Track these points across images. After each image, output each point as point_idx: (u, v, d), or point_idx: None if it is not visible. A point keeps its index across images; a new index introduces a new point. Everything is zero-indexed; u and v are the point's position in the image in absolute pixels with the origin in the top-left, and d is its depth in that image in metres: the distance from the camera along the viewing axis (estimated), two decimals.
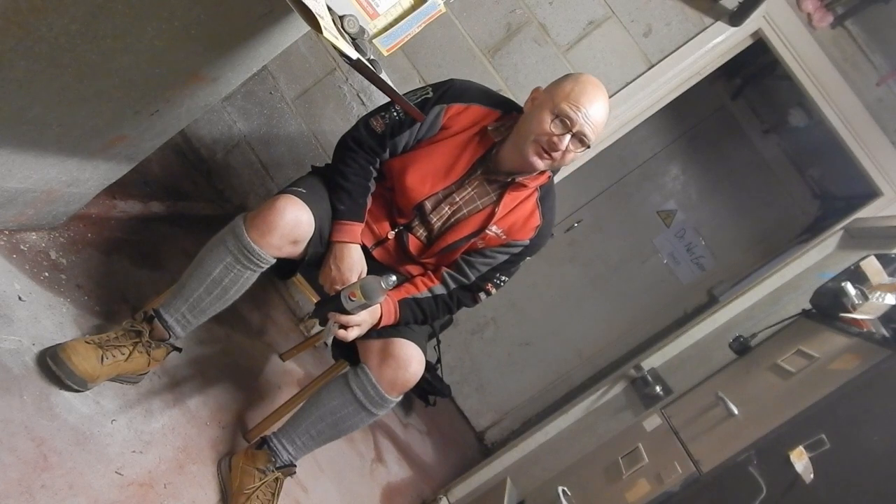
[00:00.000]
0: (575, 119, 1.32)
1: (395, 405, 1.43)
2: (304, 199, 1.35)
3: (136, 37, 1.08)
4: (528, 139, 1.35)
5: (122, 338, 1.29)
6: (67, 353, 1.18)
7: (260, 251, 1.29)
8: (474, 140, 1.44)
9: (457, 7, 2.35)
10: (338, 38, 0.94)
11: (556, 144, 1.33)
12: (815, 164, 3.89)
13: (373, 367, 1.38)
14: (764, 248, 4.06)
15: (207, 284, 1.31)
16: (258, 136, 2.49)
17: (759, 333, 1.90)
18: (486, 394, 4.16)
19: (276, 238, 1.29)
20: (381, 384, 1.36)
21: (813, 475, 1.32)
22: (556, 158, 1.36)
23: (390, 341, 1.39)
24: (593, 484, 1.69)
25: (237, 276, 1.32)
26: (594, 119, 1.33)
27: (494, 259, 1.51)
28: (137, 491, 1.21)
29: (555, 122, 1.33)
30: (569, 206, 4.19)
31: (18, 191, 1.29)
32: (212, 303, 1.33)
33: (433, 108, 1.42)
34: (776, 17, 2.30)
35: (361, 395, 1.36)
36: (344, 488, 1.85)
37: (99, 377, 1.23)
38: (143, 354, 1.31)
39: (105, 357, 1.23)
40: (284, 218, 1.29)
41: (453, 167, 1.45)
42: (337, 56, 2.27)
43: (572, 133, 1.33)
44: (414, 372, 1.38)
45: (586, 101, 1.32)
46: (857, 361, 1.38)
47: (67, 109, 1.16)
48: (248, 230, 1.29)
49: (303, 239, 1.35)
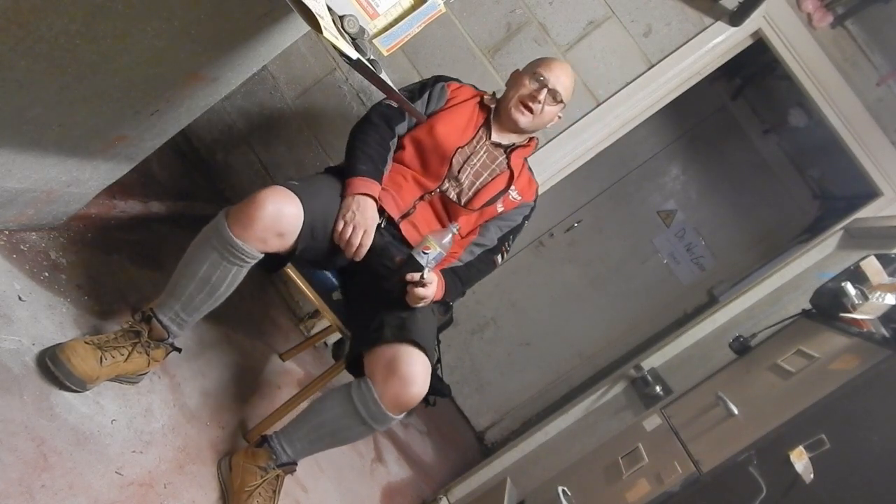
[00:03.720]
0: (548, 77, 1.66)
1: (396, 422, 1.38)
2: (295, 191, 1.32)
3: (136, 37, 1.08)
4: (513, 100, 1.68)
5: (121, 338, 1.28)
6: (66, 354, 1.17)
7: (243, 245, 1.27)
8: (475, 108, 1.72)
9: (457, 7, 2.35)
10: (338, 38, 0.94)
11: (535, 97, 1.65)
12: (815, 164, 3.89)
13: (377, 383, 1.33)
14: (764, 248, 4.06)
15: (197, 282, 1.30)
16: (258, 136, 2.49)
17: (759, 333, 1.90)
18: (486, 394, 4.16)
19: (258, 231, 1.26)
20: (384, 401, 1.31)
21: (813, 475, 1.32)
22: (535, 112, 1.66)
23: (397, 351, 1.34)
24: (593, 484, 1.69)
25: (225, 272, 1.30)
26: (563, 81, 1.68)
27: (513, 221, 1.72)
28: (137, 491, 1.21)
29: (532, 82, 1.67)
30: (569, 206, 4.19)
31: (18, 191, 1.29)
32: (204, 300, 1.32)
33: (436, 84, 1.71)
34: (776, 17, 2.30)
35: (363, 410, 1.33)
36: (344, 488, 1.85)
37: (98, 378, 1.22)
38: (142, 355, 1.30)
39: (104, 358, 1.22)
40: (265, 209, 1.26)
41: (467, 127, 1.68)
42: (337, 56, 2.27)
43: (547, 88, 1.65)
44: (417, 392, 1.33)
45: (556, 66, 1.69)
46: (857, 361, 1.38)
47: (67, 109, 1.16)
48: (230, 225, 1.27)
49: (289, 231, 1.31)
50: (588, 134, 2.35)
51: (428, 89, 1.69)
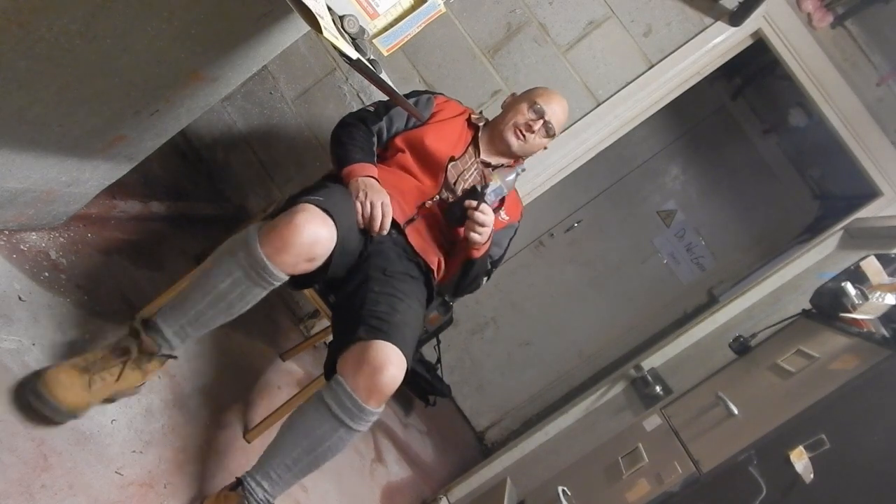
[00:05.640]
0: (546, 110, 1.71)
1: (376, 417, 1.26)
2: (325, 208, 1.26)
3: (136, 37, 1.08)
4: (508, 124, 1.71)
5: (109, 357, 1.17)
6: (49, 387, 1.07)
7: (273, 268, 1.19)
8: (464, 125, 1.75)
9: (457, 7, 2.35)
10: (338, 38, 0.94)
11: (531, 126, 1.70)
12: (815, 164, 3.88)
13: (347, 376, 1.22)
14: (764, 248, 4.06)
15: (212, 298, 1.21)
16: (258, 136, 2.49)
17: (759, 333, 1.90)
18: (486, 394, 4.16)
19: (291, 256, 1.20)
20: (357, 392, 1.20)
21: (813, 475, 1.32)
22: (528, 140, 1.71)
23: (367, 345, 1.24)
24: (593, 484, 1.69)
25: (245, 291, 1.22)
26: (559, 115, 1.74)
27: (499, 246, 1.74)
28: (137, 491, 1.21)
29: (531, 111, 1.71)
30: (569, 206, 4.20)
31: (18, 191, 1.29)
32: (214, 317, 1.23)
33: (423, 94, 1.76)
34: (776, 17, 2.30)
35: (336, 408, 1.21)
36: (344, 488, 1.85)
37: (90, 404, 1.13)
38: (135, 370, 1.20)
39: (93, 382, 1.12)
40: (303, 235, 1.19)
41: (458, 141, 1.70)
42: (337, 56, 2.27)
43: (544, 120, 1.70)
44: (391, 375, 1.22)
45: (555, 101, 1.74)
46: (857, 361, 1.38)
47: (67, 109, 1.16)
48: (263, 245, 1.19)
49: (320, 257, 1.25)
50: (588, 134, 2.36)
51: (415, 97, 1.73)
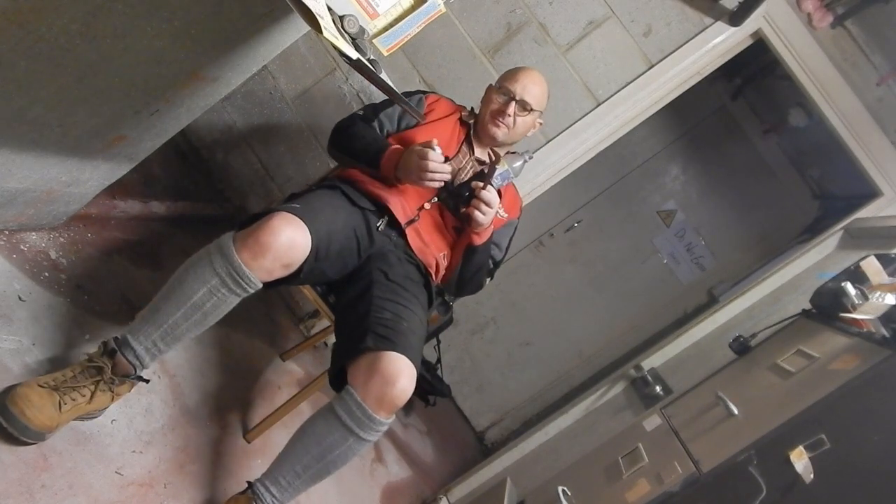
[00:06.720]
0: (513, 89, 1.65)
1: (386, 427, 1.27)
2: (300, 215, 1.26)
3: (136, 37, 1.08)
4: (486, 116, 1.69)
5: (80, 376, 1.14)
6: (20, 406, 1.03)
7: (250, 274, 1.18)
8: (456, 124, 1.73)
9: (457, 7, 2.35)
10: (338, 38, 0.94)
11: (503, 110, 1.65)
12: (815, 164, 3.88)
13: (358, 386, 1.23)
14: (764, 248, 4.06)
15: (186, 309, 1.18)
16: (258, 136, 2.49)
17: (759, 333, 1.90)
18: (486, 394, 4.16)
19: (268, 261, 1.20)
20: (368, 402, 1.21)
21: (813, 475, 1.31)
22: (508, 125, 1.66)
23: (378, 356, 1.25)
24: (593, 484, 1.69)
25: (220, 300, 1.20)
26: (530, 89, 1.66)
27: (502, 241, 1.75)
28: (137, 491, 1.21)
29: (499, 96, 1.67)
30: (569, 206, 4.19)
31: (18, 191, 1.29)
32: (188, 329, 1.20)
33: (414, 94, 1.76)
34: (776, 17, 2.30)
35: (347, 418, 1.22)
36: (344, 488, 1.85)
37: (59, 425, 1.09)
38: (105, 392, 1.16)
39: (63, 402, 1.08)
40: (279, 239, 1.20)
41: (450, 141, 1.68)
42: (337, 56, 2.27)
43: (515, 100, 1.64)
44: (403, 387, 1.24)
45: (521, 76, 1.68)
46: (857, 361, 1.38)
47: (67, 109, 1.16)
48: (239, 250, 1.18)
49: (295, 262, 1.25)
50: (588, 134, 2.36)
51: (406, 97, 1.70)
